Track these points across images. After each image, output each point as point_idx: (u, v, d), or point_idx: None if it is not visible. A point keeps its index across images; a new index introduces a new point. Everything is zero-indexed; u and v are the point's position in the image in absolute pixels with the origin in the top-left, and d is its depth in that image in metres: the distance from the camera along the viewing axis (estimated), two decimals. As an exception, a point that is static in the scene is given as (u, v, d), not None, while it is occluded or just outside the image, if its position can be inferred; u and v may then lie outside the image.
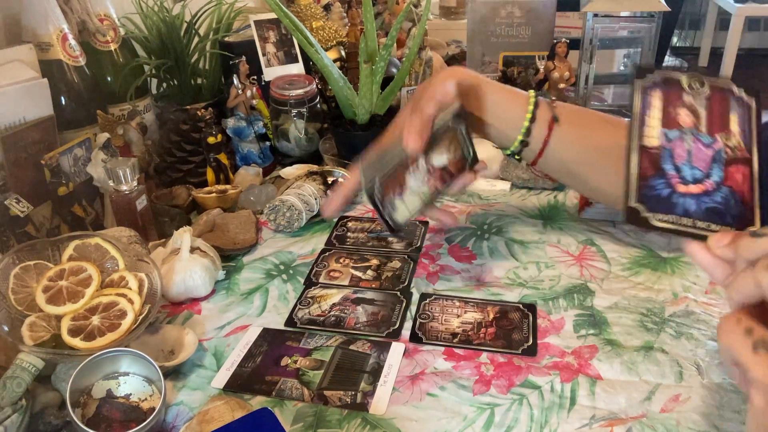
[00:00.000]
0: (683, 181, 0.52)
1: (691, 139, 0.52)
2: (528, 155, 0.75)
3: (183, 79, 1.11)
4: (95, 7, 0.97)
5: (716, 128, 0.53)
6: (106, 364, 0.59)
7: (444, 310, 0.72)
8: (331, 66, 0.99)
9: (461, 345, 0.66)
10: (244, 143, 1.05)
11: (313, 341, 0.68)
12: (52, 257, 0.66)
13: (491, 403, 0.59)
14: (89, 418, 0.56)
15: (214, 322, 0.72)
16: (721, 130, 0.53)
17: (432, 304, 0.73)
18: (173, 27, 1.06)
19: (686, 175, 0.52)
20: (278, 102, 1.06)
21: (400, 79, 1.03)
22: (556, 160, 0.75)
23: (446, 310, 0.72)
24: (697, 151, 0.52)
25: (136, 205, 0.80)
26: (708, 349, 0.64)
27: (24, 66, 0.83)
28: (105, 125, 0.93)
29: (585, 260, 0.80)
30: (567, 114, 0.74)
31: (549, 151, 0.73)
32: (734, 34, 4.05)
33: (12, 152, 0.77)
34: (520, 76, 1.18)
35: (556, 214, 0.92)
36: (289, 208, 0.88)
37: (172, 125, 1.01)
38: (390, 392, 0.61)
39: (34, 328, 0.60)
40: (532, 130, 0.72)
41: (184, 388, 0.63)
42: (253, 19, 1.12)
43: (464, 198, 0.98)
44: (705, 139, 0.53)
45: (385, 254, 0.84)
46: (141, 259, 0.69)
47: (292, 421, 0.58)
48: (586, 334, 0.67)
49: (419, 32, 1.05)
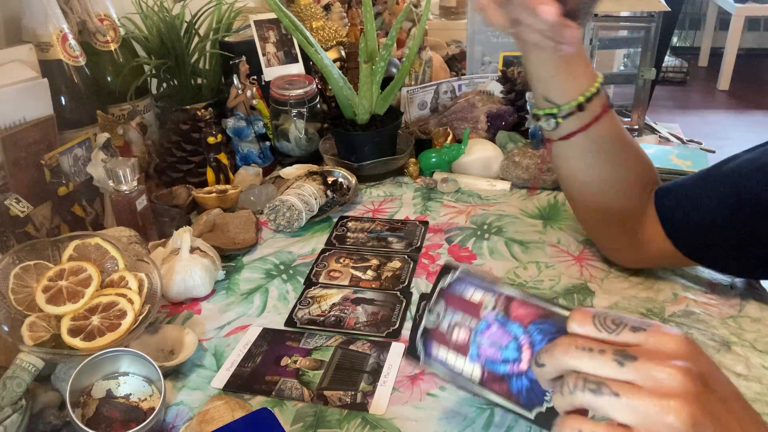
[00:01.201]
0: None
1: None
2: (568, 126, 0.68)
3: (183, 79, 1.11)
4: (95, 7, 0.97)
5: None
6: (106, 364, 0.59)
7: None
8: (331, 66, 0.99)
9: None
10: (244, 143, 1.05)
11: (313, 341, 0.68)
12: (52, 257, 0.66)
13: (491, 403, 0.59)
14: (89, 418, 0.56)
15: (214, 322, 0.72)
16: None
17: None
18: (173, 27, 1.06)
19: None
20: (278, 102, 1.06)
21: (400, 79, 1.03)
22: (587, 143, 0.69)
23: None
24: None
25: (136, 205, 0.80)
26: (708, 348, 0.64)
27: (24, 66, 0.83)
28: (105, 125, 0.93)
29: (585, 260, 0.80)
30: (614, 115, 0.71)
31: (591, 131, 0.68)
32: (734, 34, 4.06)
33: (12, 152, 0.77)
34: (520, 76, 1.18)
35: (556, 214, 0.92)
36: (289, 208, 0.88)
37: (172, 125, 1.01)
38: (390, 392, 0.61)
39: (34, 328, 0.60)
40: (593, 99, 0.67)
41: (184, 388, 0.63)
42: (253, 19, 1.12)
43: (464, 198, 0.98)
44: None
45: (385, 254, 0.84)
46: (141, 259, 0.69)
47: (292, 421, 0.58)
48: (586, 334, 0.67)
49: (419, 32, 1.05)
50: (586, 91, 0.66)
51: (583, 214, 0.77)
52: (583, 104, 0.66)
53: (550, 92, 0.67)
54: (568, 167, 0.72)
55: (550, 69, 0.66)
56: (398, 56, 1.37)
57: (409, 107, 1.18)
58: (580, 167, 0.71)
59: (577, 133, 0.68)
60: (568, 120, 0.68)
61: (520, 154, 0.99)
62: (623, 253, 0.76)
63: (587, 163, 0.70)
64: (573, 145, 0.69)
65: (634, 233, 0.72)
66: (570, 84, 0.66)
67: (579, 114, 0.67)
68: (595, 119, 0.67)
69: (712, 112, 3.92)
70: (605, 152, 0.69)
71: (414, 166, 1.04)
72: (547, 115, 0.68)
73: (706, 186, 0.69)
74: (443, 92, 1.21)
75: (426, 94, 1.20)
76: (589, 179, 0.71)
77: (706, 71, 4.64)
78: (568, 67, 0.66)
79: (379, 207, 0.97)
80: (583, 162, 0.70)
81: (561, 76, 0.66)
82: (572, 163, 0.71)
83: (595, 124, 0.67)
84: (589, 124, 0.67)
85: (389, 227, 0.90)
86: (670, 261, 0.73)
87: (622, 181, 0.71)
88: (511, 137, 1.12)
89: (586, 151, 0.69)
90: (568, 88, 0.66)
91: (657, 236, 0.71)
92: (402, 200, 0.98)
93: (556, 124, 0.68)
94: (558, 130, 0.68)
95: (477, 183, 1.00)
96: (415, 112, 1.19)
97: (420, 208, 0.95)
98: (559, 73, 0.66)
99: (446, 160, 1.03)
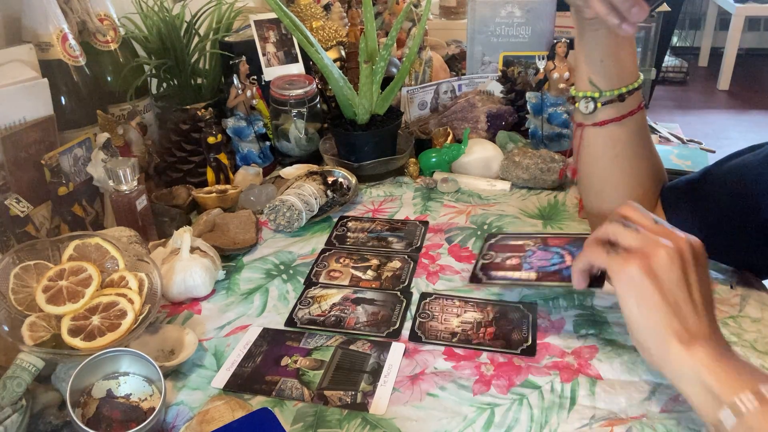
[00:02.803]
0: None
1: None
2: (605, 113, 0.71)
3: (183, 79, 1.11)
4: (95, 7, 0.97)
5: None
6: (106, 364, 0.59)
7: (444, 310, 0.72)
8: (331, 66, 0.99)
9: (461, 344, 0.66)
10: (244, 143, 1.05)
11: (313, 341, 0.68)
12: (52, 257, 0.66)
13: (491, 403, 0.59)
14: (89, 418, 0.56)
15: (214, 322, 0.72)
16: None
17: (432, 304, 0.73)
18: (173, 27, 1.06)
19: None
20: (278, 102, 1.06)
21: (400, 79, 1.03)
22: (618, 134, 0.72)
23: (446, 309, 0.72)
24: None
25: (136, 205, 0.80)
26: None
27: (24, 66, 0.83)
28: (105, 125, 0.93)
29: (585, 260, 0.80)
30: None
31: (624, 123, 0.71)
32: (734, 34, 4.05)
33: (12, 152, 0.77)
34: (520, 76, 1.18)
35: (556, 214, 0.92)
36: (289, 208, 0.88)
37: (172, 125, 1.01)
38: (390, 392, 0.60)
39: (34, 328, 0.60)
40: (633, 93, 0.71)
41: (184, 388, 0.63)
42: (253, 19, 1.12)
43: (464, 198, 0.98)
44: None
45: (385, 254, 0.84)
46: (141, 259, 0.69)
47: (292, 421, 0.58)
48: (586, 334, 0.67)
49: (419, 32, 1.05)
50: (630, 85, 0.70)
51: (595, 204, 0.78)
52: (624, 95, 0.70)
53: (596, 76, 0.70)
54: (594, 154, 0.74)
55: (601, 52, 0.69)
56: (398, 56, 1.37)
57: (409, 107, 1.18)
58: (607, 155, 0.73)
59: (611, 122, 0.71)
60: (606, 107, 0.71)
61: (520, 154, 0.99)
62: None
63: (614, 152, 0.73)
64: (604, 133, 0.72)
65: None
66: (616, 72, 0.70)
67: (617, 104, 0.71)
68: (630, 113, 0.71)
69: (712, 112, 3.92)
70: (632, 145, 0.72)
71: (414, 166, 1.04)
72: (586, 98, 0.72)
73: (712, 179, 0.70)
74: (443, 92, 1.21)
75: (426, 94, 1.20)
76: (611, 168, 0.74)
77: (706, 71, 4.64)
78: (617, 57, 0.69)
79: (379, 207, 0.97)
80: (611, 151, 0.73)
81: (610, 62, 0.69)
82: (599, 150, 0.74)
83: (629, 117, 0.71)
84: (624, 116, 0.71)
85: (389, 227, 0.90)
86: None
87: (640, 175, 0.73)
88: (511, 137, 1.12)
89: (615, 141, 0.72)
90: (613, 76, 0.70)
91: None
92: (402, 200, 0.98)
93: (594, 108, 0.71)
94: (593, 115, 0.72)
95: (477, 183, 1.00)
96: (415, 112, 1.19)
97: (420, 208, 0.95)
98: (608, 59, 0.69)
99: (446, 160, 1.03)
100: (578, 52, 0.71)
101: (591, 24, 0.67)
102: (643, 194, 0.73)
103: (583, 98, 0.72)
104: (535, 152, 0.99)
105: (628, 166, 0.73)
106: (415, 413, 0.58)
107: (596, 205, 0.78)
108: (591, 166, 0.75)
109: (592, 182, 0.77)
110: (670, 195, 0.74)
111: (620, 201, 0.73)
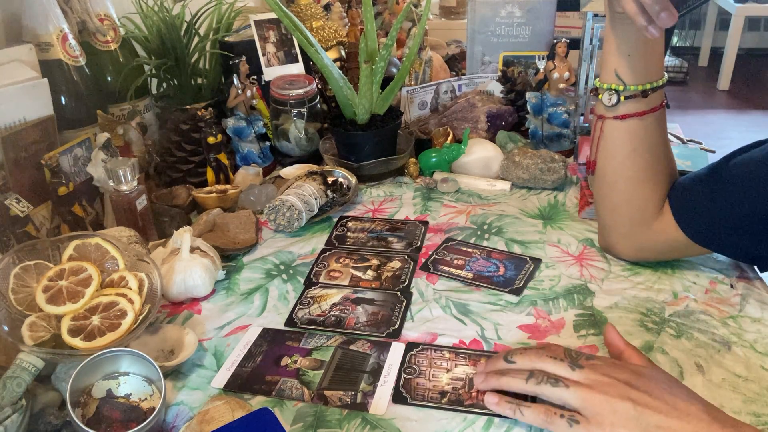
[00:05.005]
0: None
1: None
2: (627, 107, 0.72)
3: (183, 79, 1.11)
4: (95, 7, 0.97)
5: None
6: (106, 364, 0.59)
7: (432, 363, 0.64)
8: (331, 66, 0.99)
9: (451, 407, 0.59)
10: (244, 143, 1.05)
11: (313, 341, 0.68)
12: (52, 257, 0.66)
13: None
14: (89, 418, 0.56)
15: (214, 322, 0.72)
16: None
17: (419, 356, 0.65)
18: (173, 27, 1.06)
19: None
20: (278, 102, 1.06)
21: (400, 79, 1.03)
22: (638, 129, 0.72)
23: (434, 363, 0.64)
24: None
25: (136, 205, 0.80)
26: (708, 349, 0.64)
27: (24, 66, 0.83)
28: (105, 125, 0.93)
29: (585, 260, 0.80)
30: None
31: (645, 119, 0.72)
32: (734, 34, 4.05)
33: (12, 152, 0.77)
34: (520, 76, 1.18)
35: (556, 214, 0.92)
36: (289, 208, 0.88)
37: (172, 125, 1.01)
38: (390, 392, 0.60)
39: (34, 328, 0.60)
40: (656, 91, 0.71)
41: (184, 388, 0.63)
42: (253, 19, 1.12)
43: (464, 198, 0.98)
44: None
45: (385, 254, 0.84)
46: (141, 259, 0.69)
47: (292, 421, 0.58)
48: (586, 334, 0.67)
49: (419, 32, 1.05)
50: (654, 82, 0.71)
51: (608, 196, 0.78)
52: (648, 92, 0.71)
53: (622, 69, 0.71)
54: (612, 147, 0.75)
55: (630, 46, 0.69)
56: (398, 56, 1.37)
57: (409, 107, 1.18)
58: (624, 149, 0.74)
59: (632, 116, 0.72)
60: (628, 102, 0.72)
61: (520, 154, 0.99)
62: (630, 240, 0.77)
63: (632, 147, 0.73)
64: (624, 127, 0.73)
65: (650, 222, 0.74)
66: (643, 67, 0.70)
67: (640, 99, 0.71)
68: (652, 110, 0.72)
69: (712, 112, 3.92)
70: (649, 143, 0.73)
71: (414, 166, 1.04)
72: (610, 90, 0.72)
73: (719, 175, 0.71)
74: (443, 92, 1.21)
75: (426, 94, 1.20)
76: (627, 162, 0.74)
77: (706, 71, 4.64)
78: (645, 53, 0.70)
79: (379, 207, 0.97)
80: (629, 145, 0.73)
81: (637, 57, 0.70)
82: (617, 143, 0.74)
83: (650, 113, 0.72)
84: (645, 113, 0.72)
85: (389, 227, 0.90)
86: (674, 251, 0.76)
87: (654, 172, 0.74)
88: (511, 137, 1.12)
89: (633, 136, 0.73)
90: (639, 71, 0.70)
91: (668, 226, 0.73)
92: (402, 200, 0.98)
93: (618, 101, 0.72)
94: (615, 108, 0.72)
95: (477, 183, 1.00)
96: (415, 112, 1.19)
97: (420, 208, 0.95)
98: (636, 53, 0.70)
99: (446, 160, 1.03)
100: (607, 42, 0.71)
101: (622, 17, 0.67)
102: (653, 191, 0.74)
103: (607, 90, 0.72)
104: (535, 152, 0.99)
105: (643, 162, 0.73)
106: (415, 413, 0.58)
107: (607, 195, 0.78)
108: (607, 158, 0.76)
109: (606, 173, 0.77)
110: (677, 192, 0.74)
111: (631, 195, 0.75)
